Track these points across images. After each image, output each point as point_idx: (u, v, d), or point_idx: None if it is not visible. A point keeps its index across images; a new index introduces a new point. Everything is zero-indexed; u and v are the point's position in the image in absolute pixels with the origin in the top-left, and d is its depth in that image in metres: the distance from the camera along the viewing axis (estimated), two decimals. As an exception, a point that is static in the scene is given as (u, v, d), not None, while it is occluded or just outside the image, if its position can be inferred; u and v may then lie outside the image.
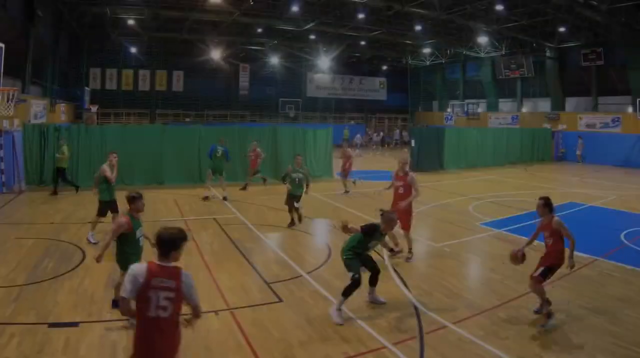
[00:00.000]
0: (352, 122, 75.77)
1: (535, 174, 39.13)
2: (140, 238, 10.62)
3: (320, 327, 10.49)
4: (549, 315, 10.81)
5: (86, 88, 51.44)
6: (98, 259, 10.17)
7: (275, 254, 16.11)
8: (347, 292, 10.97)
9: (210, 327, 10.38)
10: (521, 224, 20.43)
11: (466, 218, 21.76)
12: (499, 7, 41.58)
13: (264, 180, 28.58)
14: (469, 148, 43.00)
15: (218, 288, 12.68)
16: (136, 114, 63.67)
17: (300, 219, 19.77)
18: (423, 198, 25.86)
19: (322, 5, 45.55)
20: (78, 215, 20.81)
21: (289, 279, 13.50)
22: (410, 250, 15.55)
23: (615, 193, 29.55)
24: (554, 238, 11.44)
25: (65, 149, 25.10)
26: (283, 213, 20.09)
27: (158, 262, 6.66)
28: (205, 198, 24.98)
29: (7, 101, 17.80)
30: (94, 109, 54.55)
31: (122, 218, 10.36)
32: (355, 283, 10.95)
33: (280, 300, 11.96)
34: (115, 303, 10.71)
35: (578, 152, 50.37)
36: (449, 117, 70.70)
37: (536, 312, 11.28)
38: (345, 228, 11.46)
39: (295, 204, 19.26)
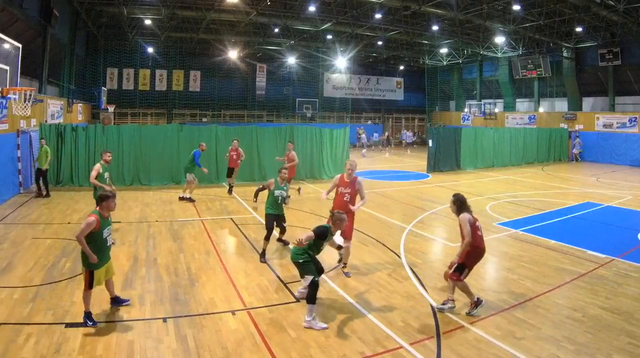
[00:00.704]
0: (369, 122, 75.83)
1: (551, 174, 38.99)
2: (107, 238, 10.75)
3: (337, 327, 10.53)
4: (477, 303, 11.27)
5: (103, 88, 51.26)
6: (92, 261, 10.29)
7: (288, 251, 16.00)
8: (311, 299, 10.84)
9: (227, 327, 10.47)
10: (538, 224, 20.44)
11: (483, 218, 21.58)
12: (516, 7, 41.40)
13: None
14: (485, 148, 42.92)
15: (235, 288, 12.75)
16: (153, 113, 63.75)
17: (285, 242, 17.17)
18: (440, 198, 26.01)
19: (338, 5, 45.44)
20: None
21: (305, 279, 13.43)
22: (345, 264, 14.50)
23: (632, 193, 29.40)
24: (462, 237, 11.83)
25: (48, 149, 25.09)
26: (300, 213, 20.16)
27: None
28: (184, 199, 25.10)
29: (24, 101, 17.90)
30: (111, 108, 54.51)
31: (91, 217, 10.35)
32: (315, 286, 10.92)
33: (297, 300, 11.98)
34: (87, 317, 10.48)
35: (575, 151, 50.74)
36: (466, 117, 70.43)
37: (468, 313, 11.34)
38: (301, 244, 10.95)
39: (284, 224, 16.60)
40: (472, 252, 11.79)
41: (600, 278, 13.69)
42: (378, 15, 45.22)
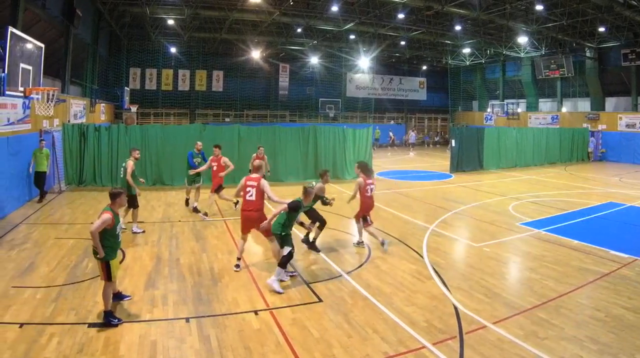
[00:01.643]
0: (392, 122, 75.76)
1: (574, 174, 38.82)
2: (119, 233, 10.99)
3: (359, 327, 10.53)
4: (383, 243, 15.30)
5: (126, 88, 51.27)
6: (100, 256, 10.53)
7: (315, 254, 16.15)
8: (284, 264, 12.88)
9: (250, 327, 10.54)
10: (561, 224, 20.40)
11: (505, 218, 21.68)
12: (539, 7, 41.27)
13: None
14: (508, 148, 42.75)
15: (258, 288, 12.79)
16: (176, 113, 63.94)
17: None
18: (463, 198, 25.98)
19: (361, 5, 45.45)
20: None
21: (328, 279, 13.55)
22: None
23: (656, 193, 29.23)
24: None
25: (48, 152, 24.79)
26: (322, 213, 20.14)
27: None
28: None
29: (47, 101, 18.00)
30: (134, 108, 54.84)
31: (106, 214, 10.58)
32: (290, 256, 12.99)
33: (320, 300, 12.03)
34: (110, 315, 10.65)
35: (590, 150, 50.74)
36: (489, 117, 70.21)
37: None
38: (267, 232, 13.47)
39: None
40: (363, 206, 17.09)
41: (623, 278, 13.68)
42: (401, 15, 45.23)
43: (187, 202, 23.61)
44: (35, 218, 20.40)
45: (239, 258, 14.56)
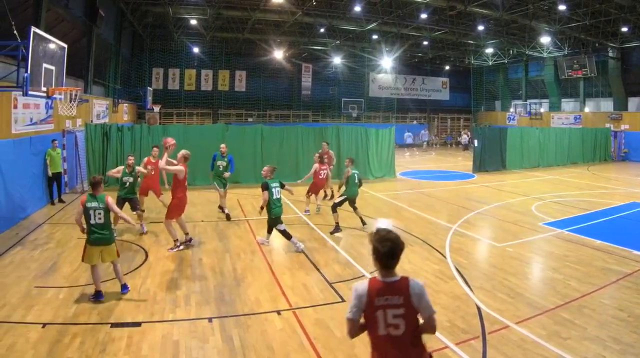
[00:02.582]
0: (415, 122, 75.59)
1: (597, 174, 38.64)
2: (90, 217, 11.88)
3: (382, 327, 10.50)
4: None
5: (149, 88, 50.91)
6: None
7: (337, 254, 16.19)
8: (270, 230, 16.53)
9: (272, 327, 10.58)
10: (583, 224, 20.33)
11: (528, 218, 21.63)
12: (562, 7, 41.14)
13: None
14: (531, 148, 42.63)
15: (280, 288, 12.85)
16: (199, 113, 64.07)
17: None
18: (486, 198, 25.95)
19: (384, 5, 45.47)
20: None
21: (350, 279, 13.51)
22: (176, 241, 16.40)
23: (679, 193, 29.08)
24: None
25: (59, 151, 24.32)
26: (345, 213, 20.20)
27: (380, 278, 5.98)
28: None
29: (70, 101, 18.06)
30: (157, 108, 54.75)
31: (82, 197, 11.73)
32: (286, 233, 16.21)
33: (343, 300, 11.97)
34: (97, 294, 11.86)
35: (612, 150, 50.40)
36: (512, 117, 69.90)
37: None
38: (262, 208, 16.17)
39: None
40: (312, 186, 21.68)
41: (647, 278, 13.62)
42: (424, 15, 45.19)
43: (221, 209, 22.07)
44: (58, 218, 20.59)
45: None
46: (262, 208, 16.06)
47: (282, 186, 16.57)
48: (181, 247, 16.10)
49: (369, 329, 6.02)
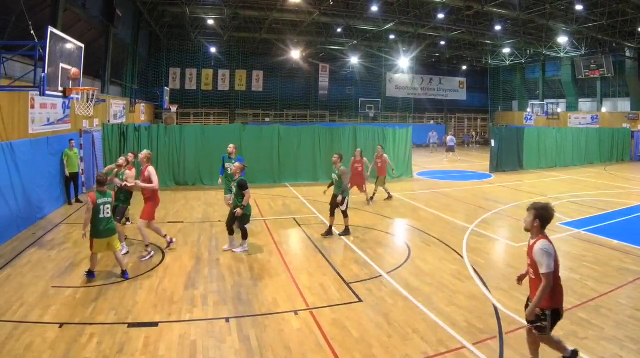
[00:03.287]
0: (432, 122, 75.44)
1: (614, 174, 38.51)
2: (99, 212, 13.00)
3: (399, 327, 10.57)
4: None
5: (166, 88, 50.89)
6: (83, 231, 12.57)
7: (355, 254, 16.19)
8: (246, 236, 16.01)
9: (290, 327, 10.62)
10: (601, 224, 20.31)
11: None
12: (579, 7, 41.04)
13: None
14: (548, 148, 42.55)
15: (297, 288, 12.89)
16: (216, 113, 64.32)
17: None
18: (503, 198, 25.94)
19: (401, 5, 45.45)
20: (158, 215, 20.88)
21: (368, 279, 13.58)
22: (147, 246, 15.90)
23: (698, 193, 28.96)
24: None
25: (76, 151, 24.35)
26: (362, 213, 20.27)
27: (546, 235, 8.53)
28: None
29: (87, 101, 18.09)
30: (174, 108, 55.02)
31: (90, 194, 12.73)
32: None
33: (360, 300, 12.05)
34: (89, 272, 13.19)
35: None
36: (529, 117, 69.69)
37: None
38: (243, 207, 15.51)
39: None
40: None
41: (664, 280, 13.60)
42: (441, 15, 45.17)
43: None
44: (75, 218, 20.69)
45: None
46: (243, 207, 15.57)
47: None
48: (152, 253, 15.54)
49: (556, 270, 8.25)
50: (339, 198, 17.93)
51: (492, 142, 39.22)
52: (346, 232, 18.53)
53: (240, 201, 15.59)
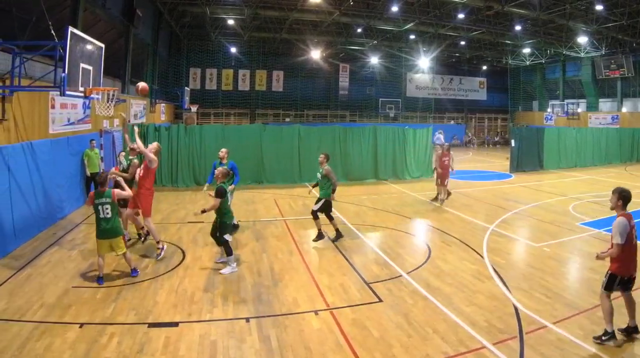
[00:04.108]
0: (452, 122, 75.43)
1: (634, 174, 38.25)
2: (99, 212, 13.17)
3: (420, 327, 10.60)
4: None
5: (186, 88, 51.24)
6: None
7: (375, 254, 16.25)
8: (231, 251, 14.27)
9: (310, 327, 10.68)
10: (621, 225, 20.26)
11: (566, 218, 21.54)
12: (599, 7, 40.94)
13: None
14: (568, 148, 42.38)
15: (318, 288, 12.95)
16: (236, 113, 64.55)
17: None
18: (523, 198, 25.92)
19: (421, 5, 45.45)
20: (177, 215, 21.20)
21: (388, 279, 13.63)
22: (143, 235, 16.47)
23: None
24: None
25: (97, 151, 24.24)
26: (383, 214, 20.30)
27: (625, 212, 10.15)
28: None
29: (107, 101, 18.15)
30: (194, 108, 55.37)
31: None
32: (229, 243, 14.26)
33: (380, 300, 12.11)
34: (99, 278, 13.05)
35: None
36: (549, 117, 69.36)
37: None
38: (205, 211, 13.99)
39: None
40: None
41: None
42: (461, 15, 45.22)
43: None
44: (94, 218, 20.68)
45: None
46: (204, 211, 14.05)
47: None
48: (164, 247, 15.59)
49: (627, 244, 9.78)
50: (322, 201, 17.63)
51: (512, 142, 39.17)
52: (338, 235, 17.87)
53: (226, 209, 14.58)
